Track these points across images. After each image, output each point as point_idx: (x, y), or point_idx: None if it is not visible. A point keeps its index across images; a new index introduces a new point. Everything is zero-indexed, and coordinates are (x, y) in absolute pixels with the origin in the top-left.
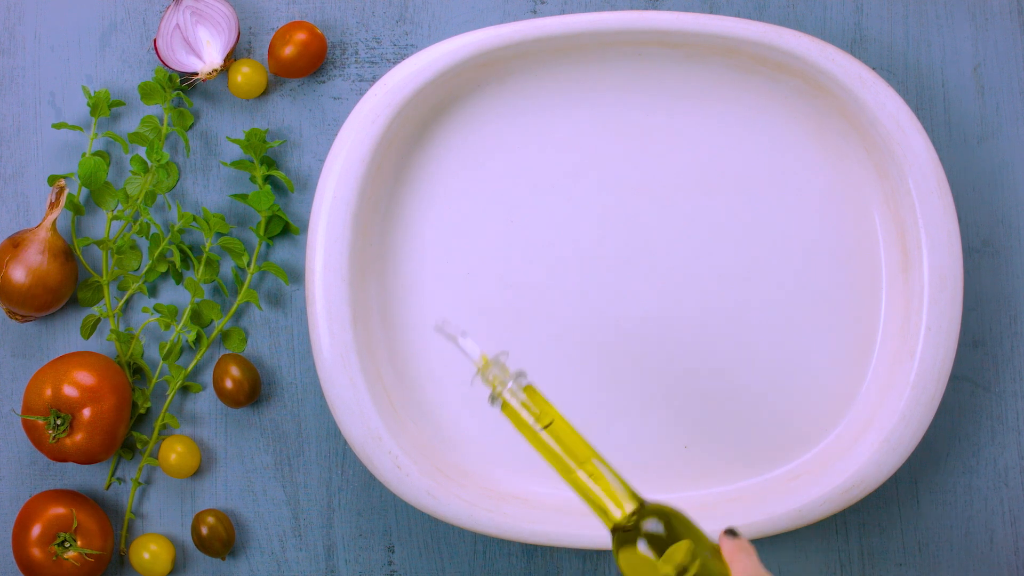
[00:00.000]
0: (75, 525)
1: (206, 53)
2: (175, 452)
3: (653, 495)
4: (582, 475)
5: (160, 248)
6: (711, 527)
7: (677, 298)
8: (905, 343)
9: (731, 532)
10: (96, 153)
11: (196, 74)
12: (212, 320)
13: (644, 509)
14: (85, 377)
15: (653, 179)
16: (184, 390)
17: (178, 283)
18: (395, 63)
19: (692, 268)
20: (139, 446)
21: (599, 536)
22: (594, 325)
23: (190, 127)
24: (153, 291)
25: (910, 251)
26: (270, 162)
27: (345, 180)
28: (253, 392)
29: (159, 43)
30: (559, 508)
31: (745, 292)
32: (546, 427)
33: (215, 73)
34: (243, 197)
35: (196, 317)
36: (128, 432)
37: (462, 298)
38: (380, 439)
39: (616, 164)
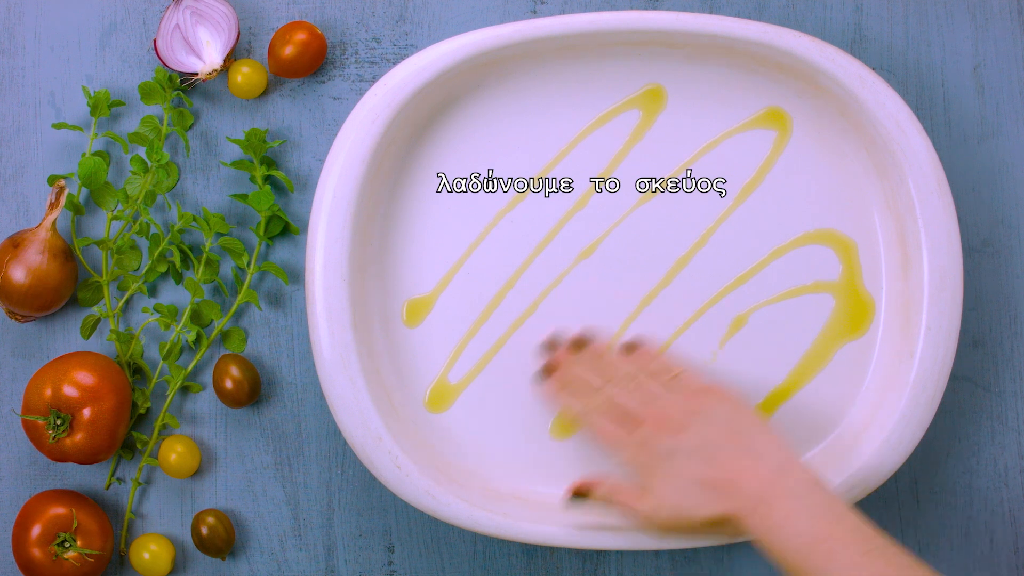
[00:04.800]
0: (75, 525)
1: (206, 53)
2: (175, 452)
3: None
4: None
5: (160, 248)
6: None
7: (676, 296)
8: (905, 343)
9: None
10: (96, 153)
11: (196, 74)
12: (212, 320)
13: None
14: (85, 377)
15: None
16: (184, 390)
17: (178, 283)
18: (395, 63)
19: (691, 266)
20: (139, 446)
21: (599, 537)
22: (594, 323)
23: (190, 127)
24: (153, 291)
25: (910, 251)
26: (270, 162)
27: (345, 180)
28: (253, 392)
29: (159, 43)
30: (559, 508)
31: (744, 291)
32: None
33: (215, 73)
34: (243, 197)
35: (196, 317)
36: (128, 432)
37: (462, 297)
38: (380, 439)
39: (617, 164)
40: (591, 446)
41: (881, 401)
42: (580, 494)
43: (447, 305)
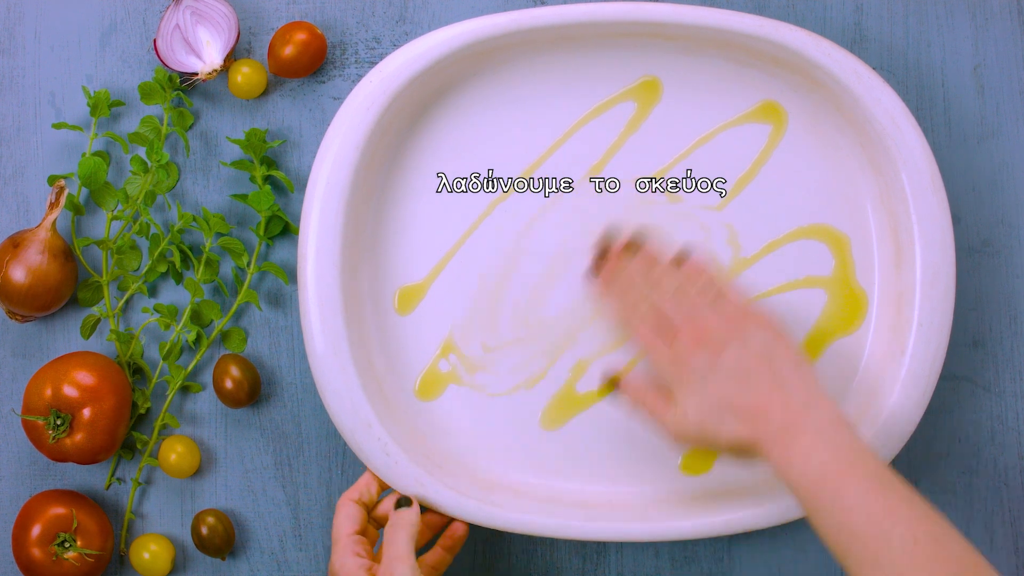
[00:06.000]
0: (75, 525)
1: (206, 53)
2: (175, 452)
3: (651, 488)
4: None
5: (160, 248)
6: (709, 521)
7: None
8: (897, 339)
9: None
10: (96, 153)
11: (196, 74)
12: (212, 320)
13: None
14: (85, 377)
15: (648, 170)
16: (184, 390)
17: (178, 283)
18: None
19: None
20: (139, 446)
21: (588, 528)
22: (588, 316)
23: (190, 127)
24: (153, 291)
25: (903, 246)
26: (270, 162)
27: (339, 167)
28: (253, 392)
29: (159, 43)
30: (549, 499)
31: (738, 284)
32: None
33: (215, 73)
34: (243, 197)
35: (196, 317)
36: (128, 432)
37: (456, 287)
38: (370, 426)
39: (611, 155)
40: (577, 441)
41: (872, 397)
42: (613, 384)
43: (439, 294)
